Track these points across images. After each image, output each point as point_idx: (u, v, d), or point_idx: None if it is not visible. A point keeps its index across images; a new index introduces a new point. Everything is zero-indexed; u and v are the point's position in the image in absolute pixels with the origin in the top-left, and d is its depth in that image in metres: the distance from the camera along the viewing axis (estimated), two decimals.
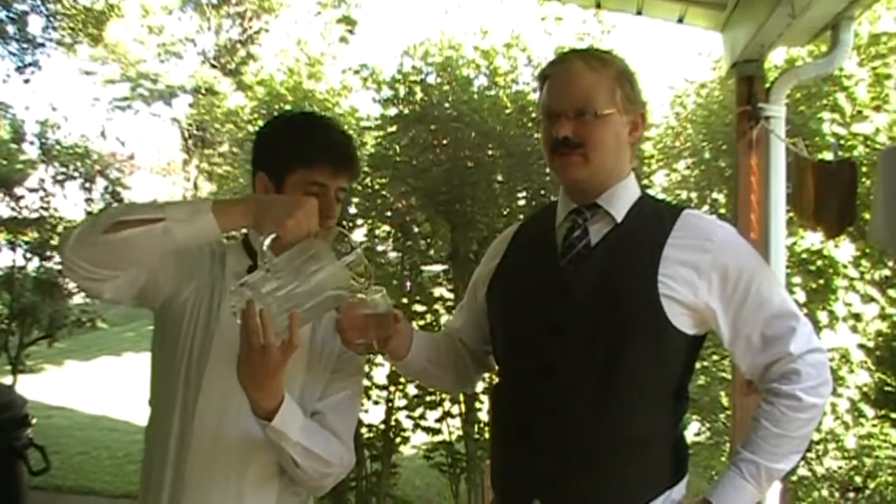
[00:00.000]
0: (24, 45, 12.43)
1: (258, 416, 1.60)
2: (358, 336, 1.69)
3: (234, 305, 1.51)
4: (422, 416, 5.86)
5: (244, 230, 1.83)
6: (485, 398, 5.79)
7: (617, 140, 1.73)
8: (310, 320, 1.62)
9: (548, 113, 1.76)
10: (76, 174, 8.75)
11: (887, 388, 5.19)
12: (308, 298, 1.53)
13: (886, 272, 5.12)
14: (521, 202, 5.84)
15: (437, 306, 5.76)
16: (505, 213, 5.78)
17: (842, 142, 4.73)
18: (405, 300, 5.61)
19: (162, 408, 1.77)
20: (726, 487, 1.68)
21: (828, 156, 4.22)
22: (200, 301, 1.75)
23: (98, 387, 11.23)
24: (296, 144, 1.77)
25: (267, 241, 1.51)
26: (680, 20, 3.63)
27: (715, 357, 5.35)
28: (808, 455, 5.13)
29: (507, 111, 5.85)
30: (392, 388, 5.84)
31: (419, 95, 5.95)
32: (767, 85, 3.27)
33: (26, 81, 12.44)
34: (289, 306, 1.51)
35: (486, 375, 5.62)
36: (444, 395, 5.81)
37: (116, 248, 1.52)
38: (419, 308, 5.73)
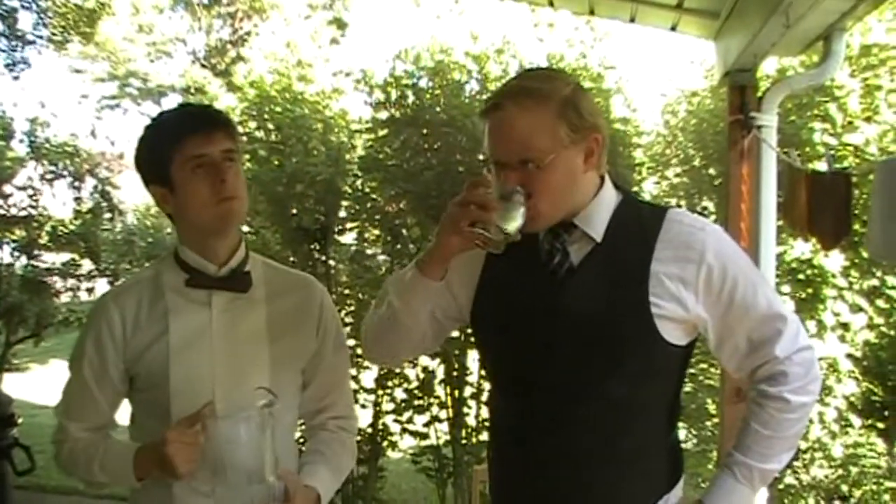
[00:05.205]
0: (14, 42, 12.35)
1: None
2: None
3: None
4: (409, 421, 5.86)
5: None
6: (473, 403, 5.79)
7: (570, 175, 1.63)
8: None
9: (493, 161, 1.64)
10: (65, 173, 8.68)
11: (874, 398, 5.21)
12: None
13: (875, 282, 5.13)
14: None
15: None
16: None
17: (832, 152, 4.74)
18: None
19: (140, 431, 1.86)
20: (719, 490, 1.67)
21: (819, 166, 4.24)
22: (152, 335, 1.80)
23: None
24: (159, 137, 1.78)
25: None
26: (673, 28, 3.64)
27: (703, 365, 5.35)
28: (795, 464, 5.14)
29: None
30: (380, 392, 5.83)
31: (411, 99, 5.94)
32: (759, 94, 3.28)
33: (15, 78, 12.37)
34: None
35: (478, 383, 5.68)
36: (431, 400, 5.81)
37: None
38: None
